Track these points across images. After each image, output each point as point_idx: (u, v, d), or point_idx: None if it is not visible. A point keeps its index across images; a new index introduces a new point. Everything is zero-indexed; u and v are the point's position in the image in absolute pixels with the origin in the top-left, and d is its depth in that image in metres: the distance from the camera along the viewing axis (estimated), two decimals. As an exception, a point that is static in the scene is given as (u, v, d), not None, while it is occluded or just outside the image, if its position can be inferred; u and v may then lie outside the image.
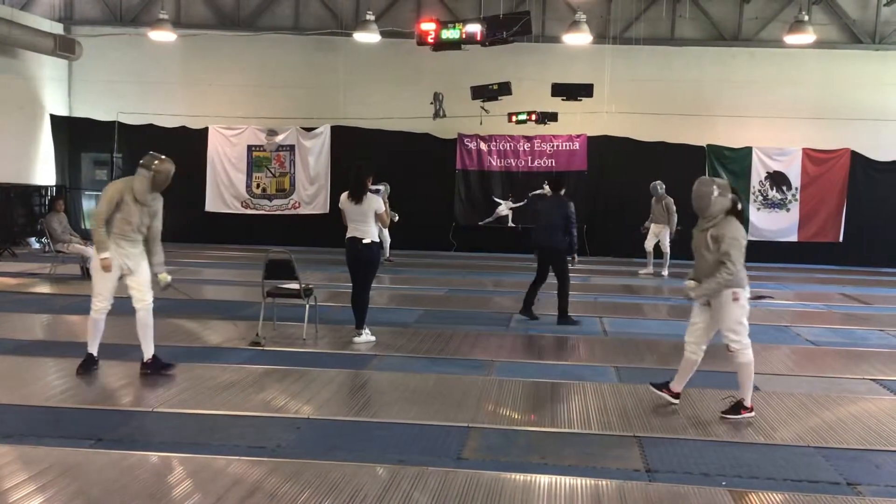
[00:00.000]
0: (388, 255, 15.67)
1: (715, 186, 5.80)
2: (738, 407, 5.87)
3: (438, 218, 18.55)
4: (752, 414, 5.86)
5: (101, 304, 6.51)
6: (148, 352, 6.69)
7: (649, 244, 14.89)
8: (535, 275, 9.97)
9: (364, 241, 8.04)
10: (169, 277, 6.87)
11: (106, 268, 6.39)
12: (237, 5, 19.38)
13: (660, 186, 14.65)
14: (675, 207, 14.37)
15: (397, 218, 15.32)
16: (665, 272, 14.77)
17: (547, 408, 6.16)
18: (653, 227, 14.80)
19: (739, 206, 5.83)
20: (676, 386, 6.13)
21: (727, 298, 5.75)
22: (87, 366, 6.64)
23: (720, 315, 5.82)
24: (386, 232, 15.48)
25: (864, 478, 4.80)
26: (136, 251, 6.57)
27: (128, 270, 6.55)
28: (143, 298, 6.59)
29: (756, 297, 5.94)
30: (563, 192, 9.89)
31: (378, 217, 8.16)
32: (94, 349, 6.66)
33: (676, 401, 6.11)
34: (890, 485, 4.72)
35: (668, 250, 14.74)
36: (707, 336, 6.01)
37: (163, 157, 6.53)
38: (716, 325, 5.91)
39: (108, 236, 6.42)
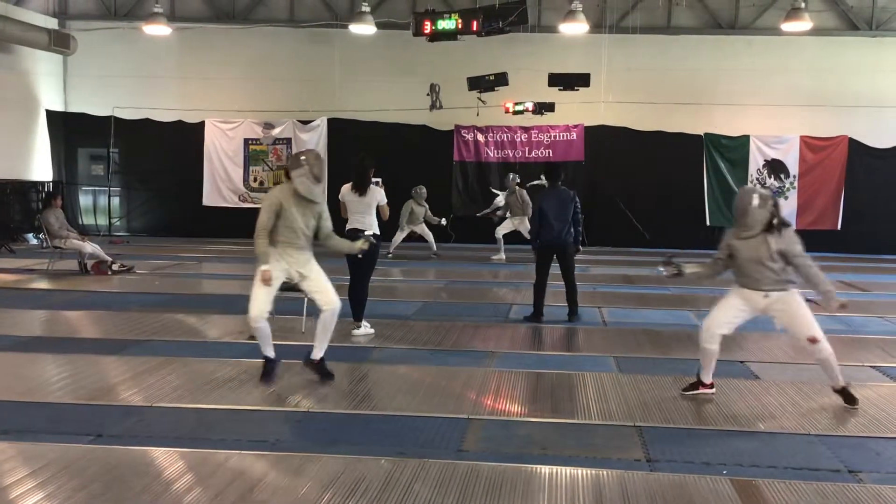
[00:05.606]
0: (435, 249, 16.06)
1: (756, 196, 5.69)
2: (849, 394, 5.92)
3: (436, 209, 18.49)
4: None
5: (254, 312, 6.18)
6: (318, 352, 6.43)
7: (500, 232, 15.49)
8: (537, 276, 9.30)
9: (366, 233, 8.02)
10: (361, 241, 6.88)
11: (265, 280, 6.14)
12: (232, -2, 19.37)
13: (513, 180, 15.27)
14: (528, 198, 14.67)
15: (445, 221, 16.17)
16: None
17: (547, 398, 6.15)
18: (511, 219, 15.28)
19: (775, 221, 5.65)
20: (707, 378, 6.10)
21: (799, 298, 5.81)
22: (269, 371, 6.35)
23: (798, 315, 5.82)
24: (429, 231, 16.01)
25: (864, 465, 4.79)
26: (303, 258, 6.33)
27: (299, 277, 6.35)
28: (330, 301, 6.36)
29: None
30: (560, 181, 9.43)
31: (380, 209, 8.15)
32: (268, 352, 6.39)
33: (713, 390, 6.11)
34: (890, 472, 4.71)
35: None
36: (731, 331, 6.06)
37: (302, 150, 6.46)
38: (790, 325, 5.90)
39: (274, 245, 6.21)
